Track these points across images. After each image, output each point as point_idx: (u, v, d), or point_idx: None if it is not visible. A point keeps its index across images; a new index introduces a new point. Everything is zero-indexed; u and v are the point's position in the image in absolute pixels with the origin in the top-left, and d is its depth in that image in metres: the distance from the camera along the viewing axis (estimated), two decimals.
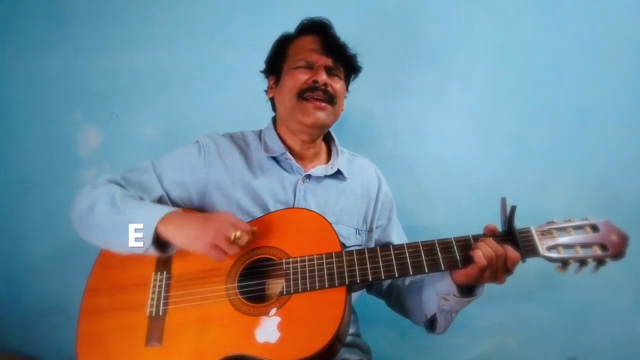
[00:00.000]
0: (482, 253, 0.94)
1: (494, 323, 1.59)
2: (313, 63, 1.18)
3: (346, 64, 1.23)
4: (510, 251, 0.95)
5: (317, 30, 1.22)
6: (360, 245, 1.22)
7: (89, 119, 1.71)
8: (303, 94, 1.15)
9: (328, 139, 1.31)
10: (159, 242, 1.02)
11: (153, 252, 1.02)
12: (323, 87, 1.15)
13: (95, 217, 1.05)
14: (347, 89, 1.28)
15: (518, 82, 1.63)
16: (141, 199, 1.12)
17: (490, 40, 1.65)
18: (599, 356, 1.54)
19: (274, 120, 1.29)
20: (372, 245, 1.27)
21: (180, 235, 1.01)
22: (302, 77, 1.17)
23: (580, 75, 1.61)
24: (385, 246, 1.02)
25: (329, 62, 1.18)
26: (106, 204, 1.04)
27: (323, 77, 1.15)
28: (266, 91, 1.30)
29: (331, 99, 1.17)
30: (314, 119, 1.15)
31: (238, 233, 0.98)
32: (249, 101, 1.32)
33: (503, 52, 1.64)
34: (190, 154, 1.20)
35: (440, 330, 1.12)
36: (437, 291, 1.06)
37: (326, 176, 1.22)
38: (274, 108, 1.29)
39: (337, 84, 1.20)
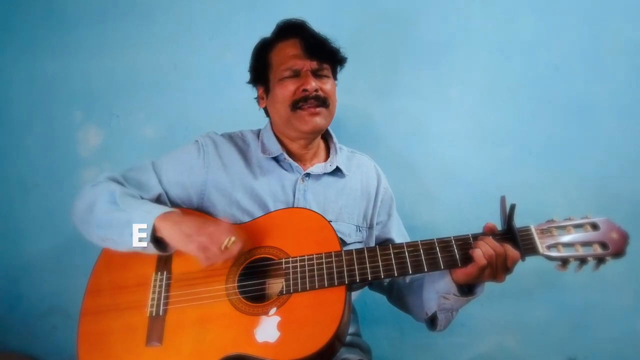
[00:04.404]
0: (481, 252, 0.94)
1: (494, 322, 1.59)
2: (299, 70, 1.15)
3: (331, 60, 1.20)
4: (510, 250, 0.95)
5: (296, 32, 1.18)
6: (361, 242, 1.22)
7: (89, 119, 1.72)
8: (296, 105, 1.14)
9: (326, 137, 1.30)
10: (157, 240, 1.02)
11: (152, 250, 1.02)
12: (314, 94, 1.14)
13: (96, 214, 1.06)
14: (335, 78, 1.26)
15: (518, 82, 1.63)
16: (141, 197, 1.12)
17: (490, 40, 1.65)
18: (599, 356, 1.54)
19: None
20: (373, 241, 1.27)
21: (175, 232, 1.00)
22: (291, 87, 1.14)
23: (580, 75, 1.61)
24: (384, 246, 1.02)
25: (314, 65, 1.16)
26: (106, 202, 1.05)
27: (312, 84, 1.13)
28: (256, 100, 1.29)
29: (324, 102, 1.16)
30: (311, 126, 1.14)
31: (232, 239, 0.98)
32: (249, 101, 1.31)
33: (503, 52, 1.64)
34: (189, 153, 1.20)
35: (442, 328, 1.13)
36: (437, 290, 1.06)
37: (325, 174, 1.22)
38: (268, 115, 1.28)
39: (327, 84, 1.17)
